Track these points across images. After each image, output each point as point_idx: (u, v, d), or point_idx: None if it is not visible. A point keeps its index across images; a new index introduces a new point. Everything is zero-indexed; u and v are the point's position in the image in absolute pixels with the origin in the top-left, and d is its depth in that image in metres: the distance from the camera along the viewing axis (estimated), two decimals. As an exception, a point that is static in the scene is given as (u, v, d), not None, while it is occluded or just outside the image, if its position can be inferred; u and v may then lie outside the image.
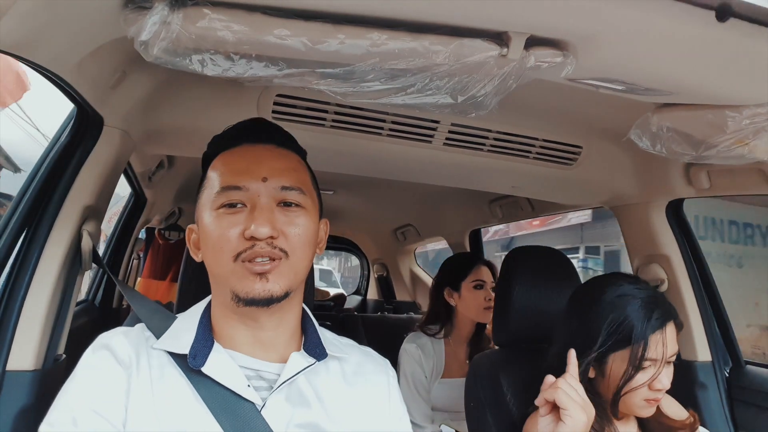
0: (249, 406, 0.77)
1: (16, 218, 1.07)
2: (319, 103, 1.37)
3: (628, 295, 1.11)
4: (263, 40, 0.77)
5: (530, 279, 1.43)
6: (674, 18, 0.73)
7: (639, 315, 1.08)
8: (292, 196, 0.82)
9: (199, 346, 0.80)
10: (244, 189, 0.80)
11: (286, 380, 0.80)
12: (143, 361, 0.78)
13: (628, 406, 1.12)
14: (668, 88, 0.97)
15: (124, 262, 2.54)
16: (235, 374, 0.79)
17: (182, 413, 0.75)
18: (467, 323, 2.03)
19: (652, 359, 1.07)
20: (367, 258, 4.45)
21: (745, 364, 1.68)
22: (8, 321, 1.02)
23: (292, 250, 0.79)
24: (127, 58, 1.00)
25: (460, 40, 0.80)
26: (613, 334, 1.09)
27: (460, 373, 1.99)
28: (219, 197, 0.81)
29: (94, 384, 0.75)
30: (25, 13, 0.69)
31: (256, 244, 0.77)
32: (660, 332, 1.08)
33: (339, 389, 0.85)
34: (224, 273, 0.79)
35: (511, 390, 1.31)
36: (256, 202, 0.79)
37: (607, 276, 1.22)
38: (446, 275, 2.09)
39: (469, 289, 2.00)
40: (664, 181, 1.63)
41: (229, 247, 0.78)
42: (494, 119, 1.46)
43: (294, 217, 0.81)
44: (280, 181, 0.81)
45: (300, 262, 0.81)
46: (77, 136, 1.16)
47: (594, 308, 1.12)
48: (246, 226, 0.77)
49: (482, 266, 2.05)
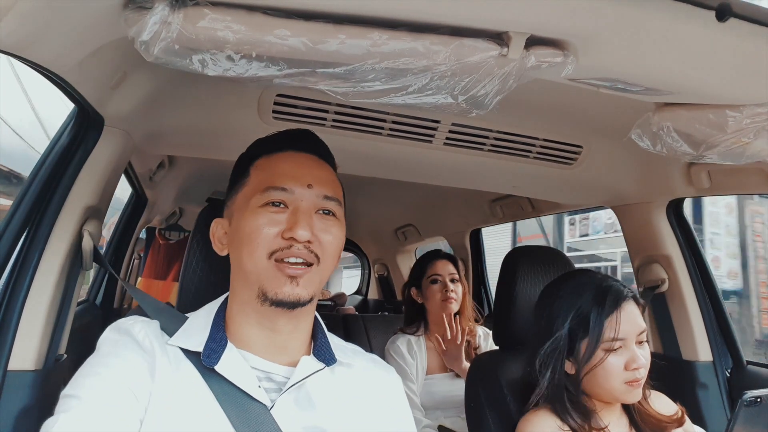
0: (259, 406, 0.78)
1: (17, 218, 1.07)
2: (320, 103, 1.37)
3: (582, 284, 1.18)
4: (264, 40, 0.77)
5: (530, 279, 1.43)
6: (674, 18, 0.73)
7: (593, 301, 1.14)
8: (331, 205, 0.85)
9: (213, 345, 0.81)
10: (289, 191, 0.82)
11: (295, 383, 0.81)
12: (160, 352, 0.79)
13: (610, 392, 1.14)
14: (668, 88, 0.97)
15: (125, 262, 2.54)
16: (247, 374, 0.80)
17: (197, 407, 0.76)
18: (438, 318, 2.07)
19: (618, 338, 1.11)
20: (368, 258, 4.46)
21: (747, 364, 1.68)
22: (9, 321, 1.02)
23: (323, 257, 0.82)
24: (127, 59, 1.00)
25: (460, 40, 0.80)
26: (575, 324, 1.14)
27: (442, 369, 2.05)
28: (262, 195, 0.82)
29: (122, 360, 0.76)
30: (25, 14, 0.69)
31: (293, 245, 0.79)
32: (615, 313, 1.12)
33: (346, 394, 0.86)
34: (256, 269, 0.80)
35: (511, 390, 1.32)
36: (299, 206, 0.82)
37: (565, 273, 1.30)
38: (411, 276, 2.19)
39: (427, 285, 2.09)
40: (664, 180, 1.63)
41: (266, 243, 0.80)
42: (495, 119, 1.46)
43: (330, 225, 0.84)
44: (323, 190, 0.84)
45: (327, 270, 0.84)
46: (78, 136, 1.16)
47: (556, 304, 1.19)
48: (287, 226, 0.80)
49: (438, 261, 2.12)
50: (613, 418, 1.17)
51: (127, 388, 0.73)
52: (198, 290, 0.99)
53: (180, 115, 1.37)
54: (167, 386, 0.76)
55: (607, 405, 1.17)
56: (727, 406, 1.63)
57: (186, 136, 1.45)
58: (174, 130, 1.42)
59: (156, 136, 1.41)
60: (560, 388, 1.15)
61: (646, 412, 1.19)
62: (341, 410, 0.84)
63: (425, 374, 2.02)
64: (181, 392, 0.77)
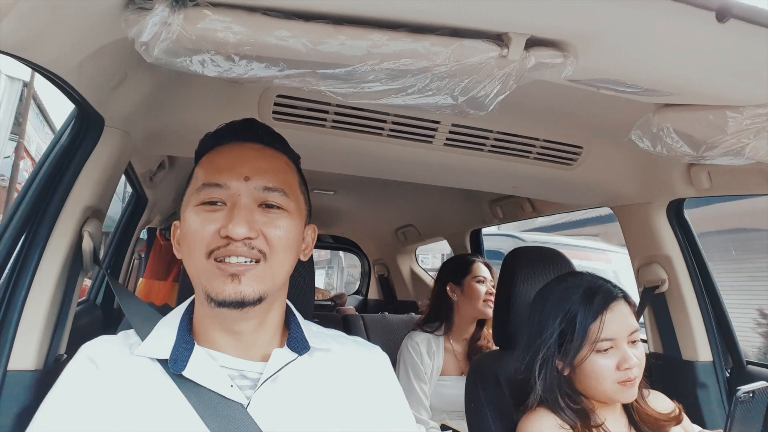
0: (235, 406, 0.77)
1: (17, 219, 1.07)
2: (320, 103, 1.37)
3: (573, 286, 1.19)
4: (264, 41, 0.77)
5: (530, 279, 1.43)
6: (674, 18, 0.73)
7: (581, 302, 1.15)
8: (274, 197, 0.80)
9: (179, 350, 0.79)
10: (225, 187, 0.79)
11: (268, 377, 0.79)
12: (125, 369, 0.78)
13: (604, 393, 1.14)
14: (669, 89, 0.97)
15: (125, 262, 2.54)
16: (216, 375, 0.78)
17: (170, 417, 0.75)
18: (467, 320, 2.08)
19: (608, 339, 1.12)
20: (368, 258, 4.46)
21: (747, 364, 1.68)
22: (9, 321, 1.02)
23: (270, 253, 0.78)
24: (127, 59, 1.00)
25: (460, 41, 0.80)
26: (565, 326, 1.15)
27: (457, 372, 2.04)
28: (200, 194, 0.80)
29: (69, 400, 0.76)
30: (26, 14, 0.69)
31: (231, 243, 0.75)
32: (602, 314, 1.13)
33: (325, 381, 0.84)
34: (196, 271, 0.78)
35: (511, 390, 1.32)
36: (236, 201, 0.78)
37: (557, 276, 1.31)
38: (449, 272, 2.18)
39: (470, 285, 2.08)
40: (664, 181, 1.63)
41: (203, 243, 0.76)
42: (495, 120, 1.46)
43: (275, 218, 0.79)
44: (262, 182, 0.80)
45: (279, 266, 0.80)
46: (78, 136, 1.16)
47: (547, 307, 1.20)
48: (223, 224, 0.76)
49: (481, 264, 2.15)
50: (612, 418, 1.18)
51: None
52: None
53: (180, 115, 1.37)
54: (129, 405, 0.74)
55: (605, 404, 1.17)
56: (726, 406, 1.63)
57: (186, 137, 1.45)
58: (174, 131, 1.42)
59: (156, 137, 1.41)
60: (553, 388, 1.15)
61: (645, 411, 1.19)
62: (321, 398, 0.81)
63: (439, 375, 2.01)
64: (151, 404, 0.75)
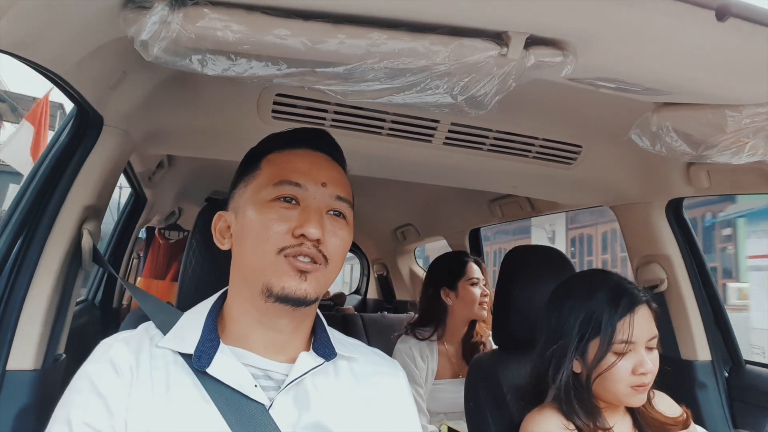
0: (257, 406, 0.77)
1: (16, 217, 1.07)
2: (319, 102, 1.37)
3: (596, 285, 1.16)
4: (263, 39, 0.77)
5: (530, 279, 1.43)
6: (674, 18, 0.73)
7: (607, 303, 1.12)
8: (342, 206, 0.83)
9: (204, 347, 0.79)
10: (303, 187, 0.81)
11: (293, 380, 0.79)
12: (145, 365, 0.77)
13: (616, 395, 1.13)
14: (668, 88, 0.98)
15: (124, 261, 2.54)
16: (241, 375, 0.78)
17: (190, 413, 0.75)
18: (461, 322, 2.05)
19: (629, 342, 1.10)
20: (367, 257, 4.46)
21: (745, 363, 1.68)
22: (8, 320, 1.02)
23: (331, 259, 0.80)
24: (127, 58, 1.00)
25: (459, 40, 0.80)
26: (587, 325, 1.13)
27: (451, 374, 2.02)
28: (274, 189, 0.80)
29: (90, 397, 0.74)
30: (25, 13, 0.69)
31: (303, 243, 0.77)
32: (628, 316, 1.11)
33: (348, 389, 0.85)
34: (262, 265, 0.78)
35: (511, 390, 1.32)
36: (311, 204, 0.80)
37: (579, 273, 1.28)
38: (442, 275, 2.10)
39: (465, 288, 2.03)
40: (664, 180, 1.63)
41: (275, 239, 0.77)
42: (494, 119, 1.46)
43: (339, 227, 0.82)
44: (336, 190, 0.83)
45: (333, 273, 0.82)
46: (77, 135, 1.16)
47: (567, 303, 1.17)
48: (298, 223, 0.78)
49: (473, 264, 2.09)
50: (616, 418, 1.17)
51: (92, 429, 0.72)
52: (197, 290, 0.99)
53: (179, 114, 1.37)
54: (150, 402, 0.74)
55: (610, 405, 1.17)
56: (725, 406, 1.63)
57: (185, 136, 1.45)
58: (173, 130, 1.42)
59: (155, 136, 1.41)
60: (568, 387, 1.14)
61: (651, 415, 1.18)
62: (343, 406, 0.82)
63: (434, 379, 1.99)
64: (171, 400, 0.75)
